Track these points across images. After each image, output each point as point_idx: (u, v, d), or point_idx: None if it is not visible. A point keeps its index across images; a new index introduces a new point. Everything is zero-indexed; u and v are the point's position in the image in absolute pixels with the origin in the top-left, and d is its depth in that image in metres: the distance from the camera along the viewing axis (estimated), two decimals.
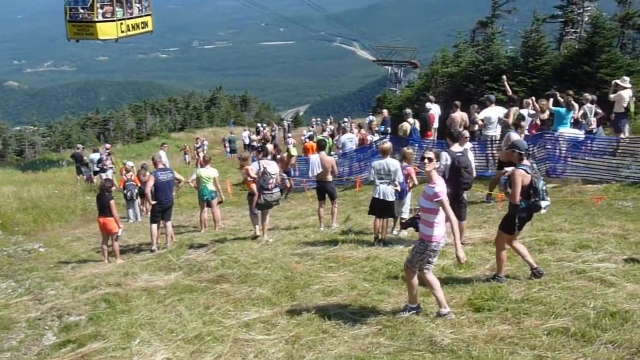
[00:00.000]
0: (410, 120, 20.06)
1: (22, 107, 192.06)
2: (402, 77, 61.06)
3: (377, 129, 24.38)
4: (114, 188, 14.50)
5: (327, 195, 13.88)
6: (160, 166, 14.55)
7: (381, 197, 11.43)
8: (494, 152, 17.85)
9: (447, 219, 7.30)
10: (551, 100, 17.19)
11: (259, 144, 43.24)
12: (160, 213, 14.28)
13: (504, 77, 19.53)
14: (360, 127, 27.74)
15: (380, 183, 11.39)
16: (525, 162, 8.40)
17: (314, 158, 13.93)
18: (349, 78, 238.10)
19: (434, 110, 21.15)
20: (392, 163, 11.45)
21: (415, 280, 7.69)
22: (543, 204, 8.22)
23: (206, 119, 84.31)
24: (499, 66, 26.05)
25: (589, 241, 10.06)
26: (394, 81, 60.97)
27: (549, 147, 16.25)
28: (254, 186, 13.20)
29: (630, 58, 27.07)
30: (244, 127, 58.24)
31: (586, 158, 15.94)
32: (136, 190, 20.11)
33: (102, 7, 30.35)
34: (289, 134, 44.06)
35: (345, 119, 40.17)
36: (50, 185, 27.21)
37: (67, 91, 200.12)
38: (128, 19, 32.23)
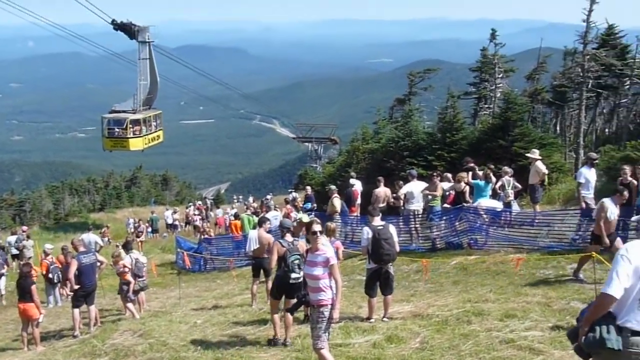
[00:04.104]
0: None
1: None
2: (322, 153, 61.97)
3: (302, 206, 24.47)
4: (34, 273, 14.06)
5: (261, 272, 13.82)
6: (82, 249, 14.19)
7: None
8: (417, 225, 18.19)
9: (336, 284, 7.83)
10: (470, 173, 17.80)
11: (181, 224, 42.95)
12: (84, 297, 13.82)
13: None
14: (286, 202, 27.78)
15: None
16: (287, 237, 10.00)
17: (252, 234, 13.93)
18: (269, 155, 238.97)
19: (357, 186, 21.50)
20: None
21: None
22: (292, 275, 9.53)
23: (126, 198, 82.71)
24: (418, 142, 26.79)
25: (515, 310, 10.25)
26: (315, 158, 61.74)
27: (470, 219, 16.66)
28: (128, 276, 14.90)
29: (541, 131, 28.51)
30: (166, 206, 57.36)
31: (506, 228, 16.41)
32: (59, 273, 19.42)
33: (132, 127, 41.15)
34: (210, 212, 44.17)
35: (268, 196, 40.31)
36: None
37: None
38: (149, 134, 43.44)
